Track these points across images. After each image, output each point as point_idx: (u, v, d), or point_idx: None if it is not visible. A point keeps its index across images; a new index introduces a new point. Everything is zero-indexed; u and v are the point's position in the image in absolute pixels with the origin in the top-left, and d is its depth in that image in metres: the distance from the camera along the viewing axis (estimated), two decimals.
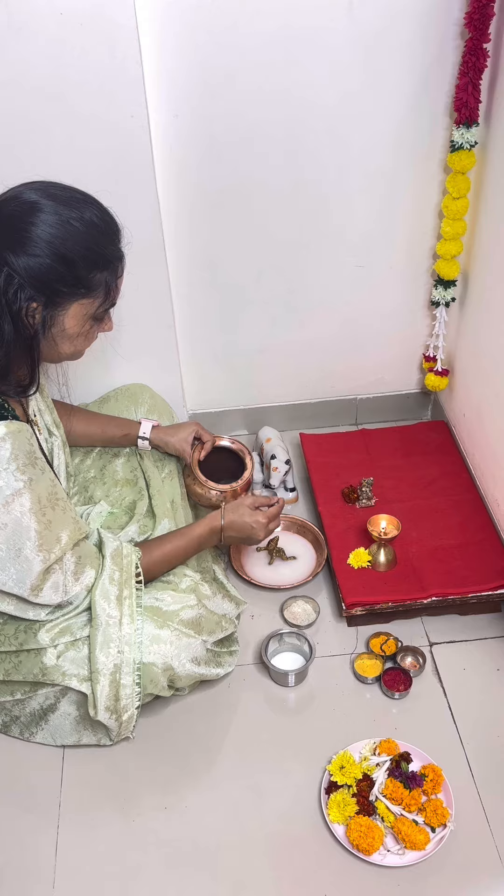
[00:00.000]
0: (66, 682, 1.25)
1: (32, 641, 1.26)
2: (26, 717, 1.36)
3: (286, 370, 1.97)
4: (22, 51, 1.33)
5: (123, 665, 1.24)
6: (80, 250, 1.08)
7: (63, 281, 1.08)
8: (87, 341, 1.20)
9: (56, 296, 1.09)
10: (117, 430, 1.60)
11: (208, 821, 1.29)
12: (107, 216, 1.14)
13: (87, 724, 1.34)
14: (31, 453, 1.13)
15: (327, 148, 1.58)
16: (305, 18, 1.42)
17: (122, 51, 1.35)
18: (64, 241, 1.07)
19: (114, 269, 1.15)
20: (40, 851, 1.26)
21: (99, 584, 1.26)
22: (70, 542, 1.20)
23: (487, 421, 1.69)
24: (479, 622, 1.56)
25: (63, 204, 1.08)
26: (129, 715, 1.28)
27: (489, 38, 1.40)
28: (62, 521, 1.18)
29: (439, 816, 1.24)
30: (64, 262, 1.07)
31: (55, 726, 1.35)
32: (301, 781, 1.33)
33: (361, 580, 1.57)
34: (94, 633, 1.24)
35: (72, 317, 1.13)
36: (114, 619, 1.25)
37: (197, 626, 1.32)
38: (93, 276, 1.11)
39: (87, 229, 1.09)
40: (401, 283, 1.82)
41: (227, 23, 1.41)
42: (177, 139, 1.53)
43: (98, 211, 1.12)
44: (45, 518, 1.15)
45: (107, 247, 1.13)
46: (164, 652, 1.27)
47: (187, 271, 1.72)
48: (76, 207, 1.09)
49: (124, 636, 1.25)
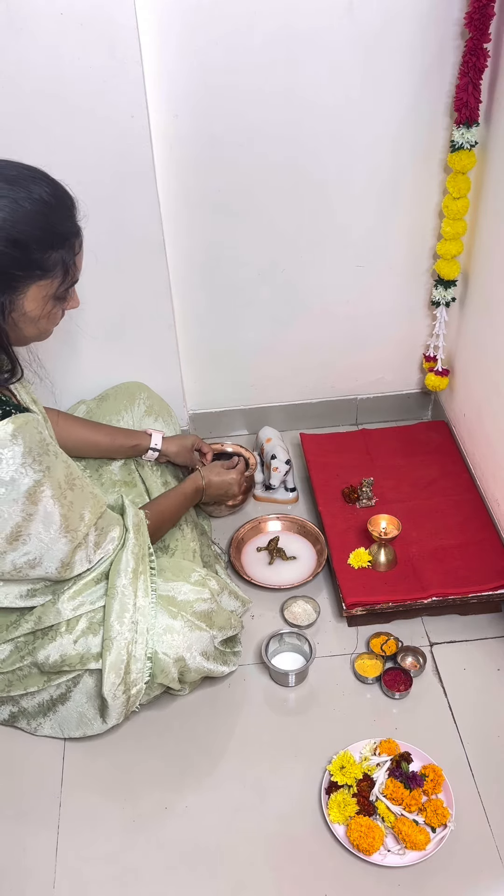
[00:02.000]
0: (85, 665, 1.27)
1: (51, 615, 1.27)
2: (34, 707, 1.36)
3: (286, 370, 1.97)
4: (22, 51, 1.33)
5: (138, 636, 1.26)
6: (31, 231, 1.05)
7: (17, 264, 1.05)
8: (52, 322, 1.17)
9: (12, 280, 1.06)
10: (126, 439, 1.59)
11: (208, 821, 1.29)
12: (59, 191, 1.10)
13: (95, 712, 1.34)
14: (42, 441, 1.12)
15: (327, 148, 1.58)
16: (305, 18, 1.42)
17: (122, 51, 1.35)
18: (14, 223, 1.03)
19: (70, 247, 1.11)
20: (40, 851, 1.26)
21: (123, 557, 1.29)
22: (93, 517, 1.22)
23: (488, 421, 1.69)
24: (480, 622, 1.56)
25: (12, 183, 1.04)
26: (138, 689, 1.29)
27: (489, 38, 1.39)
28: (82, 498, 1.20)
29: (440, 816, 1.24)
30: (16, 245, 1.03)
31: (63, 717, 1.35)
32: (301, 781, 1.33)
33: (362, 580, 1.57)
34: (111, 603, 1.26)
35: (31, 299, 1.09)
36: (129, 591, 1.27)
37: (209, 620, 1.33)
38: (48, 256, 1.07)
39: (38, 208, 1.05)
40: (401, 283, 1.82)
41: (227, 23, 1.41)
42: (177, 139, 1.53)
43: (48, 187, 1.08)
44: (67, 500, 1.16)
45: (60, 224, 1.09)
46: (176, 643, 1.28)
47: (187, 271, 1.72)
48: (25, 186, 1.05)
49: (140, 607, 1.27)
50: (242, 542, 1.76)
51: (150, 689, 1.33)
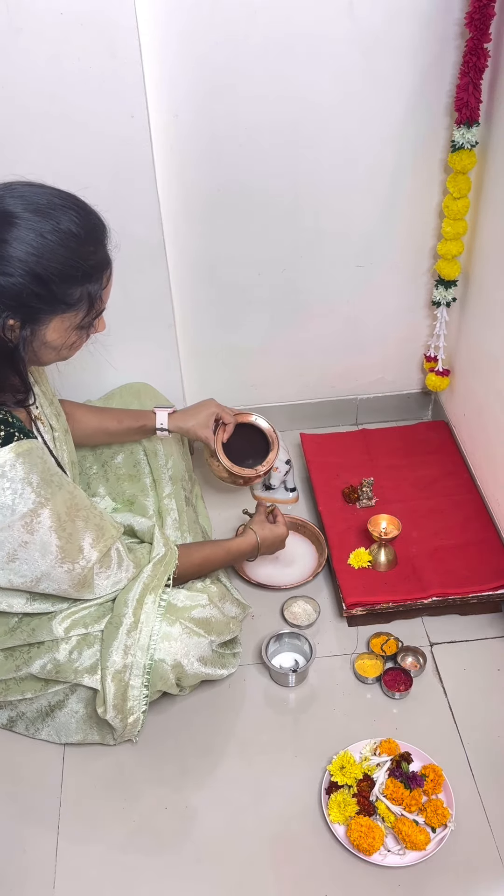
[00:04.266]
0: (78, 679, 1.26)
1: (44, 631, 1.26)
2: (33, 712, 1.36)
3: (286, 370, 1.97)
4: (22, 51, 1.33)
5: (133, 667, 1.25)
6: (57, 267, 1.01)
7: (40, 299, 1.02)
8: (74, 349, 1.15)
9: (34, 313, 1.03)
10: (133, 421, 1.56)
11: (209, 821, 1.29)
12: (89, 221, 1.05)
13: (93, 722, 1.34)
14: (45, 471, 1.10)
15: (328, 147, 1.58)
16: (306, 19, 1.42)
17: (122, 51, 1.35)
18: (39, 258, 0.99)
19: (98, 279, 1.08)
20: (40, 851, 1.26)
21: (134, 587, 1.27)
22: (93, 548, 1.20)
23: (488, 421, 1.69)
24: (480, 622, 1.56)
25: (40, 215, 1.00)
26: (135, 718, 1.28)
27: (490, 37, 1.39)
28: (83, 530, 1.18)
29: (440, 816, 1.24)
30: (39, 281, 1.00)
31: (61, 723, 1.35)
32: (301, 781, 1.33)
33: (362, 580, 1.57)
34: (112, 632, 1.25)
35: (53, 330, 1.07)
36: (130, 621, 1.25)
37: (207, 626, 1.32)
38: (72, 291, 1.05)
39: (65, 242, 1.01)
40: (401, 283, 1.82)
41: (227, 23, 1.41)
42: (177, 139, 1.53)
43: (77, 216, 1.03)
44: (66, 532, 1.14)
45: (88, 258, 1.05)
46: (173, 650, 1.27)
47: (188, 271, 1.72)
48: (53, 217, 1.01)
49: (139, 641, 1.25)
50: None
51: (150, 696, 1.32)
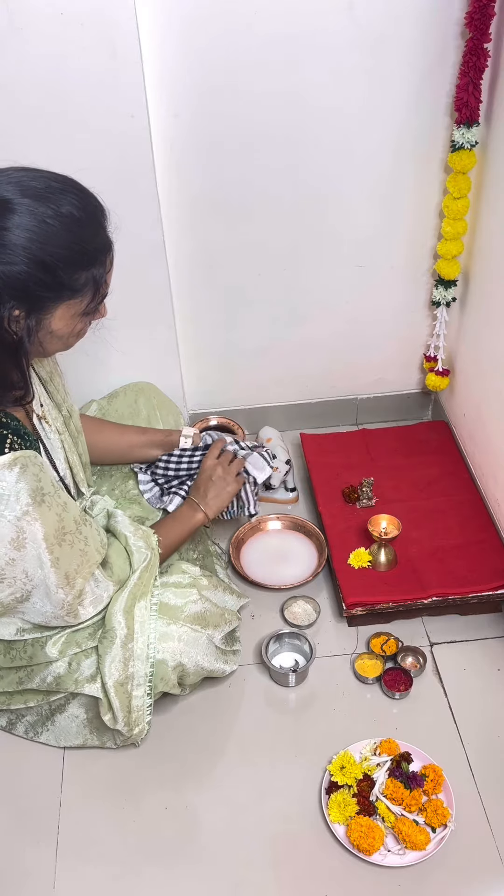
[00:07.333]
0: (79, 688, 1.26)
1: (41, 655, 1.26)
2: (33, 716, 1.36)
3: (286, 370, 1.96)
4: (22, 51, 1.33)
5: (134, 678, 1.25)
6: (60, 252, 0.99)
7: (45, 286, 1.00)
8: (79, 337, 1.13)
9: (39, 301, 1.01)
10: (158, 434, 1.60)
11: (209, 821, 1.29)
12: (89, 204, 1.04)
13: (93, 727, 1.34)
14: (37, 490, 1.07)
15: (328, 147, 1.58)
16: (306, 19, 1.42)
17: (122, 51, 1.35)
18: (42, 244, 0.97)
19: (101, 263, 1.05)
20: (40, 851, 1.26)
21: (121, 598, 1.26)
22: (76, 574, 1.17)
23: (488, 421, 1.69)
24: (480, 622, 1.56)
25: (39, 200, 0.98)
26: (140, 729, 1.28)
27: (490, 37, 1.39)
28: (70, 555, 1.15)
29: (440, 816, 1.24)
30: (43, 267, 0.98)
31: (61, 727, 1.35)
32: (301, 781, 1.33)
33: (362, 580, 1.56)
34: (107, 646, 1.24)
35: (59, 318, 1.05)
36: (124, 633, 1.24)
37: (203, 621, 1.32)
38: (78, 276, 1.02)
39: (67, 226, 0.99)
40: (401, 283, 1.82)
41: (227, 23, 1.41)
42: (177, 139, 1.53)
43: (77, 199, 1.01)
44: (54, 556, 1.12)
45: (90, 241, 1.03)
46: (173, 649, 1.27)
47: (187, 271, 1.72)
48: (53, 202, 0.99)
49: (135, 651, 1.24)
50: (242, 542, 1.76)
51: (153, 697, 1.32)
